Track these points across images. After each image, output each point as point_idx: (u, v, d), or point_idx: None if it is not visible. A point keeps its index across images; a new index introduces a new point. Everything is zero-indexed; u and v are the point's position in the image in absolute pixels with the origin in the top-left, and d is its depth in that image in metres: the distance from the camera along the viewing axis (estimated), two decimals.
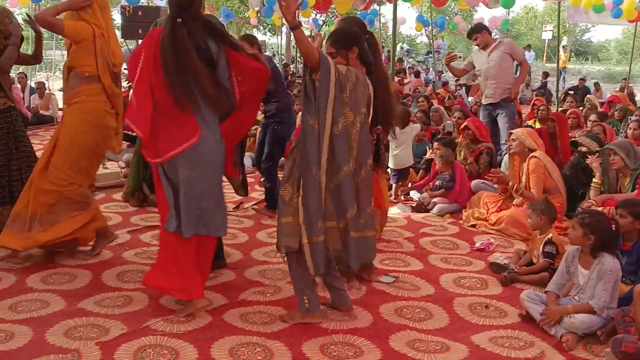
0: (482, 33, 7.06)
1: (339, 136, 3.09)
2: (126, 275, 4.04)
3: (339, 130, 3.08)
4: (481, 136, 6.89)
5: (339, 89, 3.05)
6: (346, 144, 3.12)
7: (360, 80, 3.17)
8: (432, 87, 15.45)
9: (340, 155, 3.11)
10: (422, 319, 3.57)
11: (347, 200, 3.16)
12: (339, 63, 3.14)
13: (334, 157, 3.11)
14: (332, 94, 3.03)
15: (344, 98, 3.07)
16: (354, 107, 3.13)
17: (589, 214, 3.54)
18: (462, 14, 35.39)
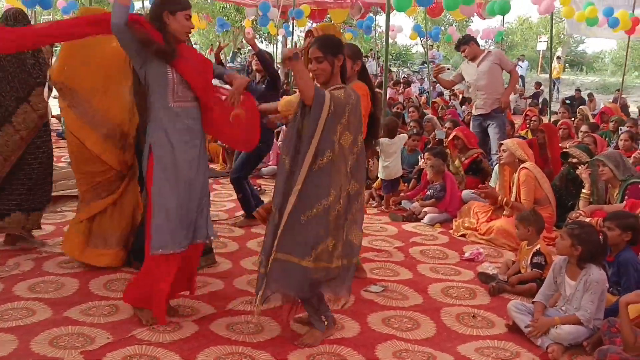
0: (469, 44, 7.09)
1: (322, 169, 3.04)
2: (113, 284, 4.02)
3: (323, 163, 3.03)
4: (470, 144, 6.94)
5: (332, 120, 3.02)
6: (328, 178, 3.05)
7: (356, 96, 3.16)
8: (426, 97, 15.53)
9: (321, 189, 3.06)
10: (409, 329, 3.57)
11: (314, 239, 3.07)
12: (324, 69, 3.12)
13: (311, 192, 3.05)
14: (319, 129, 3.00)
15: (342, 122, 3.06)
16: (353, 128, 3.12)
17: (578, 225, 3.55)
18: (457, 24, 35.63)
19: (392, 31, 19.61)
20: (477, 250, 4.99)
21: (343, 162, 3.08)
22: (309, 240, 3.05)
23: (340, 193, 3.07)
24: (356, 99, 3.14)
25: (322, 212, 3.04)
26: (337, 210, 3.06)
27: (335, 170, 3.05)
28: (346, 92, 3.09)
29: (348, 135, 3.09)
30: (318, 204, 3.03)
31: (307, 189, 3.03)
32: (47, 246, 4.71)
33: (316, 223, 3.04)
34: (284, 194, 3.09)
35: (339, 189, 3.06)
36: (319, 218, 3.04)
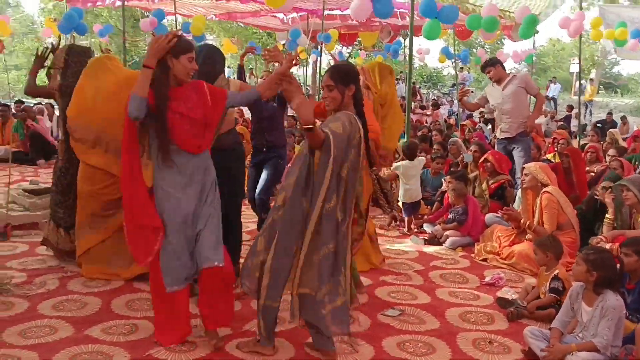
0: (495, 67, 7.08)
1: (329, 213, 3.12)
2: (135, 304, 4.12)
3: (330, 207, 3.11)
4: (500, 168, 6.90)
5: (338, 159, 3.08)
6: (333, 223, 3.14)
7: (353, 123, 3.17)
8: (455, 119, 15.48)
9: (326, 233, 3.14)
10: (424, 354, 3.56)
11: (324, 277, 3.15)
12: (334, 97, 3.17)
13: (319, 235, 3.14)
14: (328, 175, 3.07)
15: (344, 158, 3.12)
16: (351, 154, 3.16)
17: (594, 250, 3.52)
18: (489, 47, 35.48)
19: (420, 54, 19.69)
20: (498, 274, 4.96)
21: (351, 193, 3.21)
22: (322, 277, 3.15)
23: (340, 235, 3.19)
24: (351, 126, 3.14)
25: (327, 254, 3.14)
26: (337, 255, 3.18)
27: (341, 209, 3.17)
28: (343, 125, 3.10)
29: (347, 166, 3.15)
30: (325, 247, 3.13)
31: (317, 232, 3.13)
32: (74, 265, 4.85)
33: (323, 265, 3.14)
34: (302, 234, 3.16)
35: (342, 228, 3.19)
36: (325, 260, 3.14)
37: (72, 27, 10.87)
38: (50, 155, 10.63)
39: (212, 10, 17.12)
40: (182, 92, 3.37)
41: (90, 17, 25.92)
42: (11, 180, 6.66)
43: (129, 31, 24.09)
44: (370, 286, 4.67)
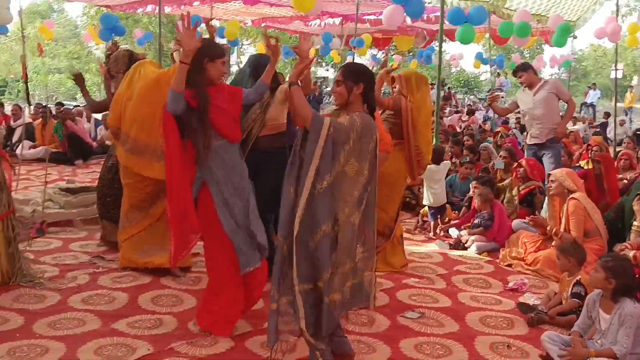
0: (527, 72, 7.03)
1: (322, 194, 3.02)
2: (161, 299, 4.25)
3: (322, 187, 3.02)
4: (532, 175, 6.85)
5: (333, 145, 3.02)
6: (328, 202, 3.03)
7: (366, 124, 3.10)
8: (490, 125, 15.35)
9: (320, 214, 3.03)
10: (440, 356, 3.59)
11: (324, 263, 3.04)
12: (340, 92, 3.19)
13: (312, 217, 3.03)
14: (318, 152, 3.00)
15: (346, 149, 3.04)
16: (360, 155, 3.07)
17: (612, 258, 3.51)
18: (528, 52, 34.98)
19: (454, 60, 19.57)
20: (522, 280, 4.94)
21: (347, 190, 3.06)
22: (317, 267, 3.04)
23: (339, 221, 3.04)
24: (363, 125, 3.08)
25: (322, 237, 3.02)
26: (336, 239, 3.04)
27: (337, 197, 3.04)
28: (351, 119, 3.08)
29: (354, 162, 3.06)
30: (319, 229, 3.02)
31: (308, 215, 3.02)
32: (104, 261, 5.02)
33: (321, 249, 3.02)
34: (290, 223, 3.07)
35: (340, 216, 3.03)
36: (322, 244, 3.02)
37: (110, 29, 11.16)
38: (87, 156, 10.96)
39: (248, 17, 17.35)
40: (214, 90, 3.58)
41: (131, 22, 26.49)
42: (49, 180, 6.91)
43: (167, 36, 24.55)
44: (391, 289, 4.71)
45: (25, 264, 4.52)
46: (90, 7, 28.40)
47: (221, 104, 3.57)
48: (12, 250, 4.39)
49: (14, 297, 4.16)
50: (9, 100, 24.48)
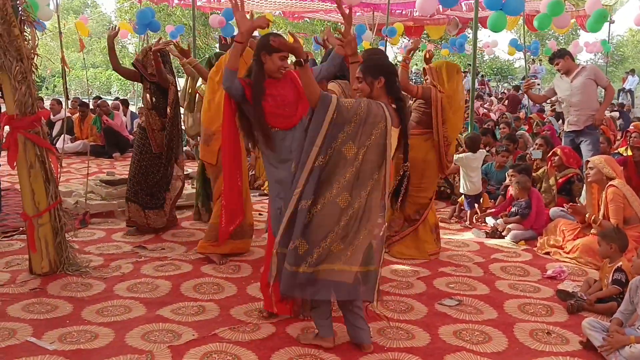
0: (564, 58, 6.93)
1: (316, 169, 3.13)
2: (202, 287, 4.35)
3: (318, 164, 3.12)
4: (568, 163, 6.78)
5: (335, 125, 3.09)
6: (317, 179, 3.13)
7: (373, 112, 3.13)
8: (525, 113, 15.17)
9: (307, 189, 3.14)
10: (479, 342, 3.61)
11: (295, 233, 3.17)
12: (362, 89, 3.24)
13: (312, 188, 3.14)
14: (323, 131, 3.09)
15: (346, 131, 3.10)
16: (359, 140, 3.12)
17: None
18: (563, 38, 34.31)
19: (487, 47, 19.34)
20: (560, 268, 4.91)
21: (339, 171, 3.13)
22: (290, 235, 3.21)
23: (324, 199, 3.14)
24: (368, 111, 3.11)
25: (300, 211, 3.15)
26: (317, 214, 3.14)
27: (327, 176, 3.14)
28: (356, 102, 3.14)
29: (351, 145, 3.11)
30: (302, 202, 3.14)
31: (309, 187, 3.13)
32: (146, 251, 5.15)
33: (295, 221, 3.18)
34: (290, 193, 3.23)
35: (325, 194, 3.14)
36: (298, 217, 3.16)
37: (146, 25, 11.35)
38: (125, 149, 11.18)
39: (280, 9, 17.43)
40: (275, 82, 3.67)
41: (163, 16, 26.80)
42: (89, 172, 7.09)
43: (200, 29, 24.78)
44: (428, 277, 4.73)
45: (72, 253, 4.67)
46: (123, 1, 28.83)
47: (278, 93, 3.64)
48: (59, 240, 4.54)
49: (62, 285, 4.31)
50: (46, 95, 25.02)
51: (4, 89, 4.30)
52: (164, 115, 5.51)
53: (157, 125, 5.51)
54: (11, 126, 4.33)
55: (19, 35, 4.22)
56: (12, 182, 7.66)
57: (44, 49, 31.74)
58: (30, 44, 4.37)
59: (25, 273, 4.50)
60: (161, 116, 5.52)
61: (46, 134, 4.63)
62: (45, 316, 3.78)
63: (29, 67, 4.28)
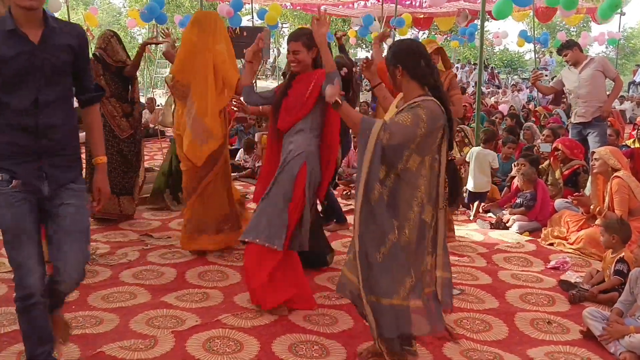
0: (572, 49, 6.89)
1: (379, 203, 2.85)
2: (207, 275, 4.40)
3: (376, 196, 2.84)
4: (572, 155, 6.76)
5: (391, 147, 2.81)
6: (388, 209, 2.86)
7: (433, 114, 2.84)
8: (534, 105, 15.10)
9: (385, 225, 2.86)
10: (480, 330, 3.64)
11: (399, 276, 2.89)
12: (386, 80, 3.14)
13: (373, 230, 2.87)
14: (367, 158, 2.82)
15: (411, 148, 2.82)
16: (424, 149, 2.86)
17: None
18: (575, 30, 34.03)
19: (497, 38, 19.24)
20: (564, 258, 4.93)
21: (411, 188, 2.87)
22: (396, 278, 2.88)
23: (407, 223, 2.88)
24: (429, 118, 2.81)
25: (392, 247, 2.86)
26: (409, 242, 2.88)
27: (401, 197, 2.87)
28: (415, 115, 2.81)
29: (416, 157, 2.85)
30: (388, 240, 2.85)
31: (366, 228, 2.88)
32: (152, 239, 5.21)
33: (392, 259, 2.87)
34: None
35: (409, 215, 2.88)
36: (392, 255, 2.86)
37: (153, 17, 11.43)
38: None
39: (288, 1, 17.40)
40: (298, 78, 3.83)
41: (172, 7, 26.84)
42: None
43: None
44: None
45: None
46: None
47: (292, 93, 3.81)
48: None
49: None
50: None
51: None
52: (124, 101, 5.58)
53: (119, 111, 5.56)
54: None
55: None
56: None
57: None
58: None
59: None
60: (122, 102, 5.57)
61: None
62: None
63: None
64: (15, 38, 2.50)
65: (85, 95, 2.82)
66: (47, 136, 2.59)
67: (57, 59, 2.57)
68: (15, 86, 2.52)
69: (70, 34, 2.64)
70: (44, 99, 2.56)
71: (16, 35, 2.50)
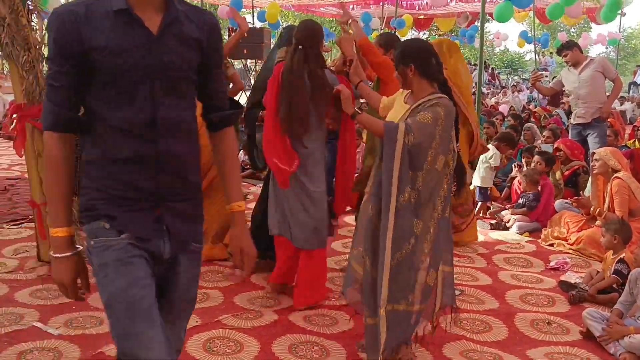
0: (572, 50, 6.90)
1: (405, 207, 2.86)
2: (207, 275, 4.40)
3: (405, 200, 2.86)
4: (573, 155, 6.78)
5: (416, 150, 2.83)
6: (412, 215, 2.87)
7: (449, 111, 2.90)
8: (535, 106, 15.11)
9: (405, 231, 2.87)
10: (480, 331, 3.64)
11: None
12: (397, 79, 3.07)
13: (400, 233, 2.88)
14: (397, 163, 2.82)
15: (434, 147, 2.85)
16: (444, 147, 2.89)
17: None
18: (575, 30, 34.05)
19: (497, 39, 19.26)
20: (564, 259, 4.93)
21: (437, 188, 2.91)
22: (410, 282, 2.92)
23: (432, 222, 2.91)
24: (446, 115, 2.87)
25: (410, 252, 2.89)
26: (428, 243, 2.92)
27: (426, 198, 2.89)
28: (435, 113, 2.84)
29: (440, 157, 2.89)
30: (407, 243, 2.88)
31: (396, 231, 2.87)
32: None
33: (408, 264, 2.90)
34: (372, 237, 2.99)
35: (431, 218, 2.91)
36: (408, 260, 2.89)
37: None
38: None
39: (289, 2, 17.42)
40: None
41: None
42: None
43: None
44: None
45: (80, 241, 4.70)
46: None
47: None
48: None
49: None
50: None
51: (12, 77, 4.35)
52: None
53: None
54: (19, 114, 4.38)
55: (26, 25, 4.26)
56: (22, 171, 7.73)
57: None
58: (38, 33, 4.41)
59: (33, 260, 4.56)
60: None
61: None
62: (52, 302, 3.84)
63: (36, 56, 4.33)
64: (126, 23, 1.71)
65: (217, 114, 1.99)
66: (169, 170, 1.81)
67: (181, 58, 1.80)
68: (124, 96, 1.73)
69: (198, 23, 1.85)
70: (165, 115, 1.77)
71: (127, 18, 1.71)
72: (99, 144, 1.77)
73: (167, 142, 1.78)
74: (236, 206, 2.01)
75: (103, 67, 1.70)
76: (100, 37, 1.68)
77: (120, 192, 1.77)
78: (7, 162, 8.92)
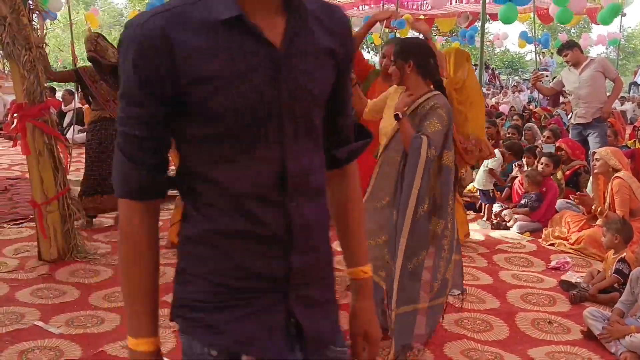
0: (573, 50, 6.90)
1: (423, 217, 2.95)
2: None
3: (424, 211, 2.94)
4: (574, 155, 6.79)
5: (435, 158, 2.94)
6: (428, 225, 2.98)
7: (450, 112, 3.02)
8: (535, 106, 15.11)
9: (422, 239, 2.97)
10: (481, 330, 3.64)
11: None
12: (394, 72, 3.09)
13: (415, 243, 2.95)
14: (419, 175, 2.90)
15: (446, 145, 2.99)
16: (449, 144, 3.03)
17: None
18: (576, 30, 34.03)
19: (497, 39, 19.25)
20: (564, 259, 4.93)
21: (449, 184, 3.02)
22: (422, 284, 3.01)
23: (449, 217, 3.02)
24: (449, 115, 2.98)
25: (424, 259, 3.00)
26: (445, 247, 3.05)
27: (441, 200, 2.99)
28: (440, 117, 2.94)
29: (449, 153, 3.03)
30: (424, 251, 2.98)
31: (412, 240, 2.94)
32: None
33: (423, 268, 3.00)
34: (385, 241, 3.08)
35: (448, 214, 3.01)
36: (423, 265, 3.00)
37: None
38: None
39: None
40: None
41: None
42: None
43: None
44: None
45: (80, 240, 4.73)
46: None
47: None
48: (67, 227, 4.61)
49: (70, 271, 4.38)
50: (58, 86, 25.18)
51: (13, 77, 4.35)
52: None
53: None
54: (20, 114, 4.39)
55: (27, 24, 4.27)
56: (23, 171, 7.74)
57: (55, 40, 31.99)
58: (39, 33, 4.42)
59: (34, 259, 4.57)
60: None
61: (55, 122, 4.68)
62: (53, 301, 3.85)
63: (37, 56, 4.33)
64: (240, 37, 1.12)
65: (345, 148, 1.40)
66: (302, 245, 1.22)
67: (315, 81, 1.21)
68: (240, 146, 1.15)
69: (330, 25, 1.25)
70: (294, 167, 1.19)
71: (241, 29, 1.12)
72: (202, 212, 1.20)
73: (297, 206, 1.20)
74: (361, 272, 1.43)
75: (210, 107, 1.11)
76: (206, 62, 1.10)
77: (234, 281, 1.20)
78: (7, 162, 8.93)
